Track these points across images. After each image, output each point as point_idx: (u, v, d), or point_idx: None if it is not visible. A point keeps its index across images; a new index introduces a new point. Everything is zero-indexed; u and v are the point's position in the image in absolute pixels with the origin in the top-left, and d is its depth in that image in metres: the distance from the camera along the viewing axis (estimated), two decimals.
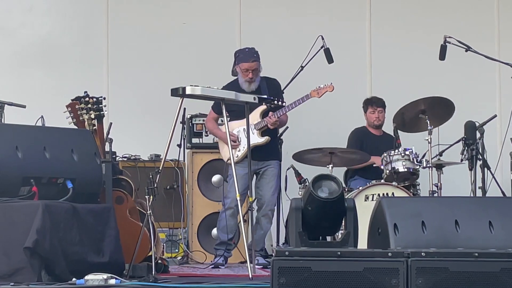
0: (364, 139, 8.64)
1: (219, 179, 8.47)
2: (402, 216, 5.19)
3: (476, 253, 4.63)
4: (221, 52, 9.28)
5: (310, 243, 5.18)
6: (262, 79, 7.79)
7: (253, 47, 7.75)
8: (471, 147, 7.59)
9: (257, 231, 7.70)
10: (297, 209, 5.28)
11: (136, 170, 8.31)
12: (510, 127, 8.25)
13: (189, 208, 8.53)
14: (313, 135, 9.21)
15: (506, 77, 8.48)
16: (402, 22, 9.79)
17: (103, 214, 6.06)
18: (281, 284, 4.57)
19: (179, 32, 9.53)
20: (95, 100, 6.58)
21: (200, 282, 5.73)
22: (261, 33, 9.45)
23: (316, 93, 7.78)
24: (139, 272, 6.22)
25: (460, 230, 5.14)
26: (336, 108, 8.90)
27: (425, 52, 9.34)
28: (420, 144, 8.05)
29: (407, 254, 4.63)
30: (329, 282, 4.57)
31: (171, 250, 8.50)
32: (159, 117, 8.80)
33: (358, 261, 4.61)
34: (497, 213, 5.24)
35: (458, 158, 7.91)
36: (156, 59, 9.45)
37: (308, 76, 8.52)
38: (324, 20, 9.58)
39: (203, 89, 6.61)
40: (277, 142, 7.95)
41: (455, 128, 8.16)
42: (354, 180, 8.48)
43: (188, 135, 8.61)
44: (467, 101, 9.37)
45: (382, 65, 9.69)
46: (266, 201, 7.78)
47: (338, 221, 5.44)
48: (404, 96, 8.35)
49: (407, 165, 7.85)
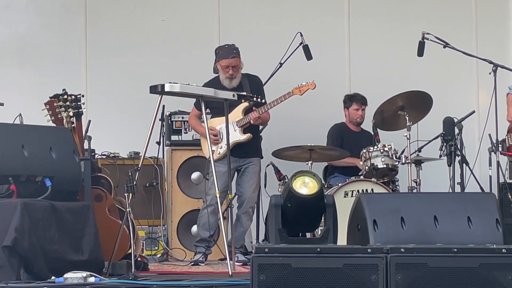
0: (344, 135, 8.66)
1: (198, 176, 8.46)
2: (381, 212, 5.21)
3: (455, 249, 4.65)
4: (200, 49, 9.28)
5: (290, 240, 5.19)
6: (244, 75, 7.79)
7: (233, 44, 7.74)
8: (450, 143, 7.63)
9: (237, 228, 7.70)
10: (276, 206, 5.29)
11: (115, 167, 8.29)
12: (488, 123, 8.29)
13: (169, 206, 8.52)
14: (292, 132, 9.20)
15: (484, 73, 8.52)
16: (381, 19, 9.81)
17: (82, 212, 6.04)
18: (261, 281, 4.57)
19: (158, 29, 9.51)
20: (74, 97, 6.56)
21: (180, 280, 5.71)
22: (240, 30, 9.44)
23: (298, 91, 7.78)
24: (118, 270, 6.20)
25: (439, 226, 5.16)
26: (315, 105, 8.91)
27: (403, 49, 9.37)
28: (399, 141, 8.08)
29: (386, 250, 4.64)
30: (309, 278, 4.57)
31: (151, 248, 8.49)
32: (138, 115, 8.78)
33: (338, 258, 4.62)
34: (476, 209, 5.27)
35: (436, 154, 7.95)
36: (135, 56, 9.42)
37: (287, 73, 8.53)
38: (303, 17, 9.59)
39: (182, 86, 6.59)
40: (259, 139, 7.95)
41: (434, 124, 8.20)
42: (333, 177, 8.50)
43: (167, 133, 8.59)
44: (446, 97, 9.41)
45: (361, 61, 9.71)
46: (247, 198, 7.78)
47: (317, 217, 5.45)
48: (383, 93, 8.37)
49: (386, 161, 7.88)
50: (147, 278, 5.85)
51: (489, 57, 8.27)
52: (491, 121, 8.12)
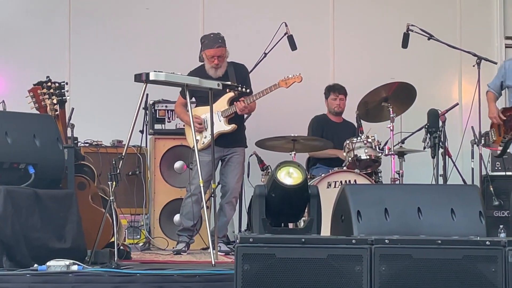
0: (324, 126, 8.67)
1: (181, 166, 8.45)
2: (365, 204, 5.21)
3: (439, 241, 4.66)
4: (185, 37, 9.26)
5: (274, 230, 5.18)
6: (230, 64, 7.77)
7: (218, 33, 7.71)
8: (434, 135, 7.64)
9: (220, 218, 7.70)
10: (260, 196, 5.28)
11: (98, 156, 8.27)
12: (471, 115, 8.33)
13: (151, 194, 8.50)
14: (276, 122, 9.21)
15: (468, 66, 8.55)
16: (366, 10, 9.83)
17: (65, 200, 6.02)
18: (245, 270, 4.56)
19: (142, 18, 9.47)
20: (57, 85, 6.53)
21: (162, 268, 5.71)
22: (225, 19, 9.42)
23: (284, 83, 7.77)
24: (101, 258, 6.18)
25: (423, 218, 5.17)
26: (299, 95, 8.90)
27: (388, 40, 9.39)
28: (382, 132, 8.09)
29: (370, 241, 4.64)
30: (293, 268, 4.57)
31: (133, 236, 8.48)
32: (122, 103, 8.75)
33: (322, 248, 4.62)
34: (459, 201, 5.28)
35: (420, 146, 7.97)
36: (119, 44, 9.38)
37: (272, 63, 8.53)
38: (287, 7, 9.58)
39: (167, 75, 6.57)
40: (243, 129, 7.94)
41: (417, 116, 8.22)
42: (316, 168, 8.51)
43: (151, 121, 8.56)
44: (430, 89, 9.45)
45: (346, 52, 9.72)
46: (231, 188, 7.77)
47: (301, 208, 5.45)
48: (367, 84, 8.38)
49: (369, 152, 7.89)
50: (130, 266, 5.84)
51: (473, 50, 8.31)
52: (474, 114, 8.16)
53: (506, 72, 7.61)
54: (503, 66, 7.70)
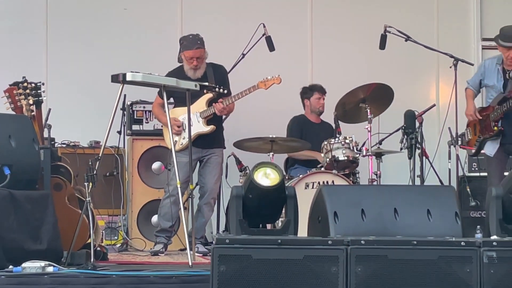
0: (303, 127, 8.68)
1: (159, 166, 8.43)
2: (342, 204, 5.21)
3: (414, 241, 4.68)
4: (162, 38, 9.25)
5: (251, 231, 5.18)
6: (209, 65, 7.77)
7: (197, 34, 7.70)
8: (410, 136, 7.67)
9: (198, 219, 7.69)
10: (237, 197, 5.28)
11: (75, 156, 8.24)
12: (448, 117, 8.37)
13: (129, 195, 8.48)
14: (254, 123, 9.22)
15: (445, 67, 8.59)
16: (343, 11, 9.85)
17: (41, 201, 5.99)
18: (221, 271, 4.56)
19: (120, 18, 9.45)
20: (34, 85, 6.49)
21: (139, 270, 5.69)
22: (203, 20, 9.42)
23: (263, 85, 7.78)
24: (77, 260, 6.15)
25: (399, 218, 5.18)
26: (277, 96, 8.90)
27: (365, 41, 9.42)
28: (360, 133, 8.11)
29: (347, 242, 4.65)
30: (270, 269, 4.57)
31: (111, 238, 8.45)
32: (99, 104, 8.73)
33: (299, 249, 4.62)
34: (435, 202, 5.29)
35: (397, 147, 7.99)
36: (97, 45, 9.36)
37: (250, 63, 8.54)
38: (266, 8, 9.59)
39: (144, 75, 6.55)
40: (221, 130, 7.93)
41: (395, 117, 8.24)
42: (294, 169, 8.52)
43: (128, 122, 8.55)
44: (407, 90, 9.48)
45: (323, 53, 9.74)
46: (209, 189, 7.77)
47: (278, 209, 5.45)
48: (344, 85, 8.39)
49: (347, 153, 7.91)
50: (107, 268, 5.83)
51: (450, 51, 8.34)
52: (451, 115, 8.20)
53: (485, 71, 7.64)
54: (483, 65, 7.73)
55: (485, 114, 7.59)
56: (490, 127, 7.54)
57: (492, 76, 7.58)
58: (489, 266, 4.63)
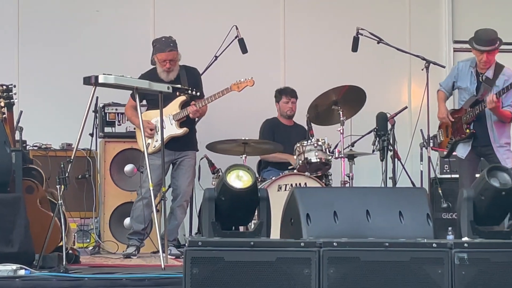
0: (276, 130, 8.70)
1: (132, 169, 8.41)
2: (314, 206, 5.22)
3: (386, 243, 4.70)
4: (135, 40, 9.21)
5: (223, 233, 5.18)
6: (182, 67, 7.76)
7: (170, 36, 7.70)
8: (382, 138, 7.70)
9: (171, 221, 7.68)
10: (210, 199, 5.27)
11: (47, 159, 8.20)
12: (420, 119, 8.41)
13: (101, 198, 8.45)
14: (227, 125, 9.21)
15: (417, 69, 8.63)
16: (316, 13, 9.86)
17: (12, 203, 5.95)
18: (194, 274, 4.56)
19: (92, 20, 9.40)
20: (5, 88, 6.45)
21: (111, 272, 5.68)
22: (176, 22, 9.40)
23: (236, 87, 7.79)
24: (49, 263, 6.12)
25: (371, 220, 5.20)
26: (250, 98, 8.91)
27: (338, 44, 9.44)
28: (332, 135, 8.14)
29: (319, 244, 4.66)
30: (242, 272, 4.57)
31: (83, 240, 8.41)
32: (71, 106, 8.69)
33: (271, 251, 4.63)
34: (407, 204, 5.32)
35: (369, 149, 8.02)
36: (69, 47, 9.30)
37: (223, 66, 8.54)
38: (238, 10, 9.59)
39: (116, 78, 6.54)
40: (194, 132, 7.93)
41: (367, 119, 8.27)
42: (267, 171, 8.53)
43: (101, 124, 8.52)
44: (380, 92, 9.51)
45: (296, 56, 9.75)
46: (182, 191, 7.77)
47: (251, 211, 5.45)
48: (317, 87, 8.41)
49: (320, 155, 7.92)
50: (79, 271, 5.81)
51: (422, 54, 8.38)
52: (423, 117, 8.24)
53: (458, 73, 7.69)
54: (456, 67, 7.78)
55: (457, 117, 7.64)
56: (462, 129, 7.59)
57: (466, 79, 7.63)
58: (460, 268, 4.66)
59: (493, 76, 7.51)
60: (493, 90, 7.43)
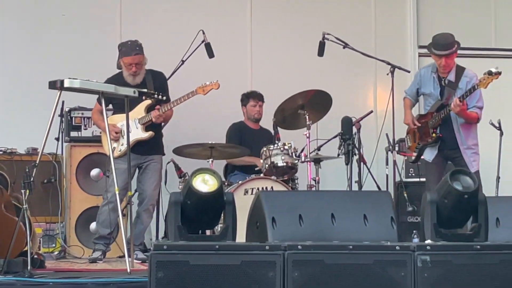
0: (242, 133, 8.72)
1: (98, 173, 8.39)
2: (280, 210, 5.25)
3: (350, 246, 4.73)
4: (101, 44, 9.19)
5: (189, 237, 5.18)
6: (148, 71, 7.76)
7: (136, 40, 7.70)
8: (348, 142, 7.75)
9: (137, 226, 7.67)
10: (176, 203, 5.27)
11: (12, 163, 8.14)
12: (385, 123, 8.46)
13: (67, 202, 8.41)
14: (193, 129, 9.22)
15: (383, 74, 8.69)
16: (283, 18, 9.90)
17: None
18: (159, 278, 4.56)
19: (58, 24, 9.36)
20: None
21: (78, 277, 5.66)
22: (142, 26, 9.38)
23: (202, 90, 7.80)
24: (14, 268, 6.08)
25: (336, 223, 5.24)
26: (216, 102, 8.94)
27: (304, 48, 9.48)
28: (299, 139, 8.17)
29: (284, 247, 4.69)
30: (208, 275, 4.59)
31: (48, 245, 8.36)
32: (37, 110, 8.64)
33: (236, 254, 4.65)
34: (372, 207, 5.36)
35: (335, 153, 8.06)
36: (35, 50, 9.25)
37: (190, 70, 8.54)
38: (205, 15, 9.59)
39: (82, 82, 6.52)
40: (160, 136, 7.93)
41: (333, 123, 8.31)
42: (233, 175, 8.54)
43: (67, 128, 8.48)
44: (345, 97, 9.56)
45: (263, 60, 9.78)
46: (148, 195, 7.76)
47: (217, 215, 5.46)
48: (284, 91, 8.44)
49: (286, 159, 7.95)
50: (44, 275, 5.78)
51: (387, 58, 8.44)
52: (388, 121, 8.29)
53: (421, 79, 7.75)
54: (419, 74, 7.84)
55: (424, 121, 7.70)
56: (429, 133, 7.65)
57: (428, 84, 7.69)
58: (423, 270, 4.71)
59: (455, 79, 7.58)
60: (456, 93, 7.50)
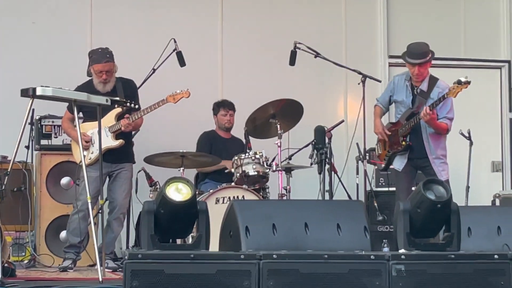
0: (213, 142, 8.72)
1: (68, 181, 8.35)
2: (253, 219, 5.26)
3: (325, 255, 4.75)
4: (72, 52, 9.14)
5: (162, 246, 5.18)
6: (118, 79, 7.73)
7: (106, 47, 7.68)
8: (320, 151, 7.77)
9: (108, 234, 7.63)
10: (149, 212, 5.27)
11: None
12: (356, 132, 8.49)
13: (37, 211, 8.36)
14: (164, 138, 9.19)
15: (353, 83, 8.73)
16: (254, 27, 9.91)
17: None
18: (134, 287, 4.55)
19: (29, 32, 9.31)
20: None
21: (50, 286, 5.63)
22: (113, 34, 9.35)
23: (172, 99, 7.78)
24: None
25: (310, 233, 5.26)
26: (187, 111, 8.92)
27: (276, 57, 9.50)
28: (270, 148, 8.18)
29: (259, 256, 4.70)
30: (182, 284, 4.58)
31: (18, 254, 8.29)
32: (7, 118, 8.59)
33: (211, 264, 4.65)
34: (345, 216, 5.39)
35: (306, 162, 8.08)
36: (5, 58, 9.19)
37: (161, 78, 8.52)
38: (176, 23, 9.59)
39: (54, 90, 6.49)
40: (131, 144, 7.90)
41: (305, 132, 8.34)
42: (204, 183, 8.53)
43: (37, 137, 8.43)
44: (317, 106, 9.59)
45: (234, 69, 9.79)
46: (118, 204, 7.73)
47: (190, 224, 5.46)
48: (255, 100, 8.45)
49: (257, 168, 7.96)
50: (15, 284, 5.74)
51: (358, 68, 8.47)
52: (359, 131, 8.32)
53: (395, 87, 7.79)
54: (393, 81, 7.89)
55: (394, 130, 7.74)
56: (399, 142, 7.69)
57: (401, 92, 7.74)
58: (397, 279, 4.74)
59: (427, 89, 7.63)
60: (427, 103, 7.54)
